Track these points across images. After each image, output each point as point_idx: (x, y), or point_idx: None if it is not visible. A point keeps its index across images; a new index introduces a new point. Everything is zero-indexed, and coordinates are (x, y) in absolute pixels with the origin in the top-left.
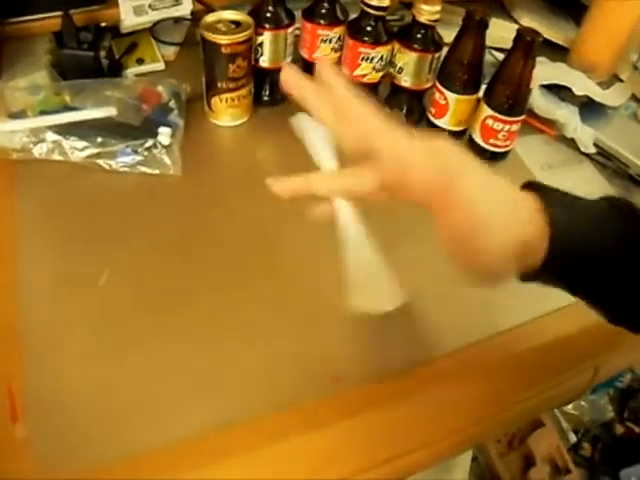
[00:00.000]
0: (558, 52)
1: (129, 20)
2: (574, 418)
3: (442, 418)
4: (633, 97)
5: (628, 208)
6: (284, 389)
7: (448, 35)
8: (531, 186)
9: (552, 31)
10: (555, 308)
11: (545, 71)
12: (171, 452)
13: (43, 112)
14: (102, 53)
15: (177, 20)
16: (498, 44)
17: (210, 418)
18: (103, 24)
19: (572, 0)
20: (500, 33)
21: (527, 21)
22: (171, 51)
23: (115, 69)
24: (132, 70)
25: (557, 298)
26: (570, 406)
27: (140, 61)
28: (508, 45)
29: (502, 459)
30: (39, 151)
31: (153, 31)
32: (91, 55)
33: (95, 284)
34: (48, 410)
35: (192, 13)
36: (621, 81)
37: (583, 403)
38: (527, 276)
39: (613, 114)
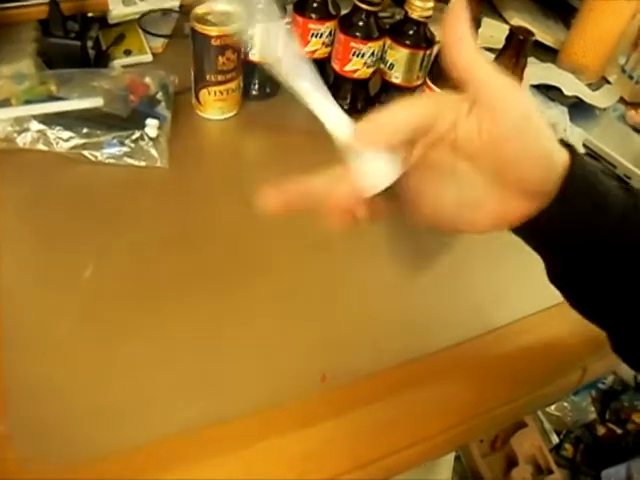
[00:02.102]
0: (547, 53)
1: (117, 10)
2: (556, 419)
3: (429, 417)
4: (621, 99)
5: None
6: (274, 387)
7: (439, 33)
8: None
9: (542, 32)
10: (544, 307)
11: (534, 72)
12: (158, 450)
13: (28, 101)
14: (89, 43)
15: (165, 12)
16: (488, 44)
17: (197, 415)
18: (90, 14)
19: (562, 2)
20: (490, 32)
21: (517, 21)
22: (159, 43)
23: (102, 60)
24: (119, 61)
25: (547, 297)
26: (552, 407)
27: (128, 52)
28: (498, 45)
29: (485, 459)
30: (23, 140)
31: (141, 22)
32: (78, 44)
33: (80, 277)
34: (30, 406)
35: (180, 6)
36: (609, 83)
37: (565, 404)
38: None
39: (602, 115)
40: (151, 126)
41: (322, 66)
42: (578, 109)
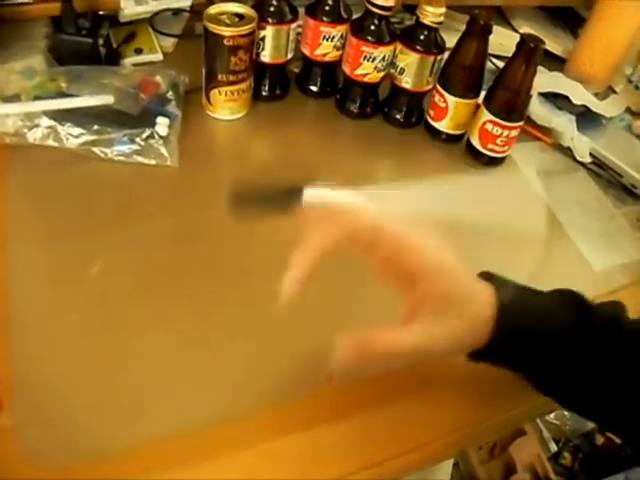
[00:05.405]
0: (555, 62)
1: (129, 9)
2: (555, 427)
3: (434, 421)
4: (628, 109)
5: (579, 300)
6: (278, 387)
7: (448, 40)
8: (486, 276)
9: (550, 41)
10: None
11: (543, 80)
12: (160, 447)
13: (37, 97)
14: (100, 41)
15: (176, 12)
16: (496, 51)
17: (204, 413)
18: (101, 12)
19: (570, 12)
20: (499, 40)
21: (526, 30)
22: (169, 43)
23: (112, 58)
24: (130, 60)
25: None
26: (552, 415)
27: (138, 51)
28: (506, 53)
29: (483, 466)
30: (33, 136)
31: (152, 22)
32: (90, 42)
33: (87, 273)
34: (35, 399)
35: (191, 6)
36: (615, 93)
37: (565, 413)
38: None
39: (608, 125)
40: (162, 124)
41: (332, 69)
42: (585, 118)
